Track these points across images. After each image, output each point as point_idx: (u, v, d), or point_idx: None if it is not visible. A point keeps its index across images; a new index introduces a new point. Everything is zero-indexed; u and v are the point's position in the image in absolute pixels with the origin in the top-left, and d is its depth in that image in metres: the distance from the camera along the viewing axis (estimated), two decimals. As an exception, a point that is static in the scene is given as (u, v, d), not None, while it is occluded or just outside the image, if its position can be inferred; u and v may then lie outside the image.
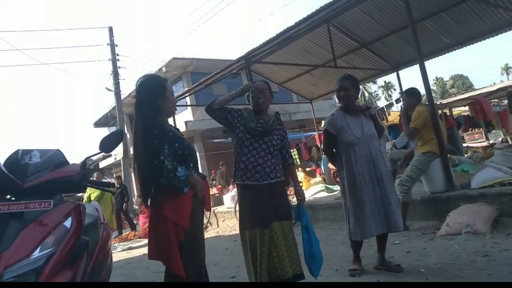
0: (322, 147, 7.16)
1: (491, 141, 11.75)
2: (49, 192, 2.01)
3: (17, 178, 1.93)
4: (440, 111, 12.38)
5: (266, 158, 2.71)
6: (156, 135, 2.14)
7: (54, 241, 1.80)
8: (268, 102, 2.89)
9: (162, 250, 2.11)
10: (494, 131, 12.92)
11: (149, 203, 2.24)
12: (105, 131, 25.43)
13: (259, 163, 2.68)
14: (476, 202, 3.99)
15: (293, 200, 3.50)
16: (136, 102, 2.26)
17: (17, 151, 2.10)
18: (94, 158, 2.60)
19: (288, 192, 3.22)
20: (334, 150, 3.28)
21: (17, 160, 2.03)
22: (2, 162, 2.08)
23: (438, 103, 13.53)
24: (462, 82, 52.93)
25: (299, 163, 11.73)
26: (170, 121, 2.70)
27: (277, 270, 2.54)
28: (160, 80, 2.38)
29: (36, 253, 1.73)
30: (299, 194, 2.86)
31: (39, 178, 1.97)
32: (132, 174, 20.24)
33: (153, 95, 2.25)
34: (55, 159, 2.13)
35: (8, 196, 2.06)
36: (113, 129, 21.20)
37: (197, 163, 2.39)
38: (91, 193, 7.66)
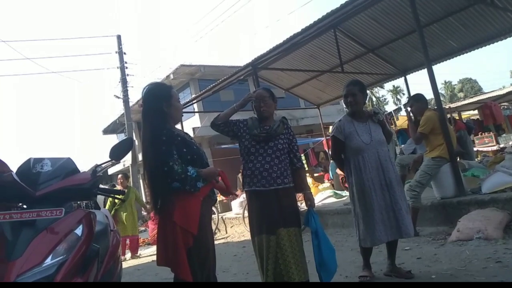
0: (330, 152, 7.14)
1: (501, 145, 11.62)
2: (60, 199, 2.04)
3: (29, 186, 1.96)
4: (449, 115, 12.29)
5: (273, 163, 2.71)
6: (164, 142, 2.17)
7: (66, 248, 1.82)
8: (271, 109, 2.90)
9: (170, 256, 2.13)
10: (504, 135, 12.79)
11: (158, 210, 2.25)
12: (113, 138, 25.65)
13: (265, 169, 2.69)
14: (487, 207, 3.95)
15: (303, 205, 3.48)
16: (143, 110, 2.30)
17: (29, 160, 2.14)
18: (103, 165, 2.63)
19: (297, 198, 3.19)
20: (342, 156, 3.27)
21: (29, 168, 2.07)
22: (14, 171, 2.12)
23: (447, 107, 13.43)
24: (471, 86, 52.43)
25: (307, 168, 11.69)
26: (178, 127, 2.72)
27: (283, 277, 2.53)
28: (165, 87, 2.43)
29: (48, 261, 1.75)
30: (309, 198, 2.84)
31: (50, 187, 2.00)
32: (141, 181, 20.37)
33: (159, 102, 2.28)
34: (66, 167, 2.17)
35: (20, 204, 2.10)
36: (122, 136, 21.43)
37: (207, 165, 2.39)
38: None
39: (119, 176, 7.58)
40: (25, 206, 2.03)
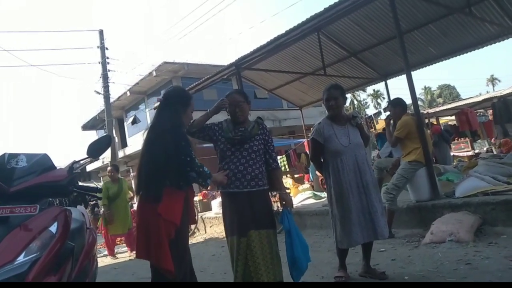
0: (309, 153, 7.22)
1: (476, 151, 11.94)
2: (35, 196, 2.01)
3: (3, 182, 1.93)
4: (427, 120, 12.58)
5: (247, 165, 2.70)
6: (185, 136, 2.44)
7: (39, 246, 1.79)
8: (245, 113, 2.89)
9: (152, 248, 2.19)
10: (479, 140, 13.15)
11: (143, 200, 2.34)
12: (93, 134, 25.17)
13: (239, 170, 2.69)
14: (460, 211, 4.07)
15: (280, 206, 3.50)
16: (165, 103, 2.54)
17: (4, 155, 2.09)
18: (81, 162, 2.60)
19: (273, 199, 3.20)
20: (321, 158, 3.32)
21: (3, 164, 2.03)
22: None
23: (425, 112, 13.74)
24: (449, 92, 53.82)
25: (287, 170, 11.76)
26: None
27: (252, 278, 2.54)
28: (188, 94, 2.70)
29: (21, 258, 1.72)
30: (284, 198, 2.82)
31: (25, 183, 1.97)
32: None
33: (178, 102, 2.53)
34: (42, 163, 2.13)
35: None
36: (102, 132, 21.07)
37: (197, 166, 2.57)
38: (109, 187, 6.82)
39: (109, 168, 7.20)
40: (-3, 202, 1.98)
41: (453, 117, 13.72)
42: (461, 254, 3.33)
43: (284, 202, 2.81)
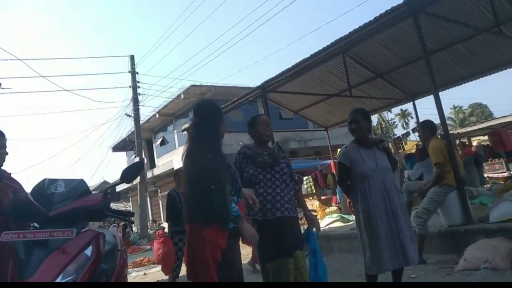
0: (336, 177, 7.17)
1: (512, 172, 11.48)
2: (72, 220, 2.10)
3: (43, 206, 2.03)
4: (457, 141, 12.25)
5: (282, 188, 2.75)
6: (221, 159, 2.23)
7: (76, 269, 1.87)
8: (272, 135, 3.02)
9: (199, 271, 2.13)
10: (515, 161, 12.65)
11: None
12: (122, 155, 25.91)
13: (276, 194, 2.71)
14: (495, 237, 3.91)
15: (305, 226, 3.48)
16: (198, 125, 2.33)
17: (44, 180, 2.21)
18: (113, 184, 2.71)
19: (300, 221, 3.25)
20: (348, 182, 3.30)
21: (43, 189, 2.14)
22: (29, 191, 2.20)
23: (455, 132, 13.40)
24: (481, 110, 52.16)
25: (314, 191, 11.65)
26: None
27: None
28: (219, 106, 2.53)
29: (58, 280, 1.80)
30: (310, 218, 2.89)
31: (63, 207, 2.07)
32: (148, 199, 20.44)
33: (216, 120, 2.36)
34: (79, 188, 2.24)
35: (33, 224, 2.17)
36: (131, 153, 21.66)
37: (240, 189, 2.37)
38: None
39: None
40: (37, 226, 2.10)
41: (486, 138, 13.29)
42: (498, 283, 3.19)
43: (310, 222, 2.87)
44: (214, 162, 2.16)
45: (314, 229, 2.86)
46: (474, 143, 13.42)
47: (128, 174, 2.38)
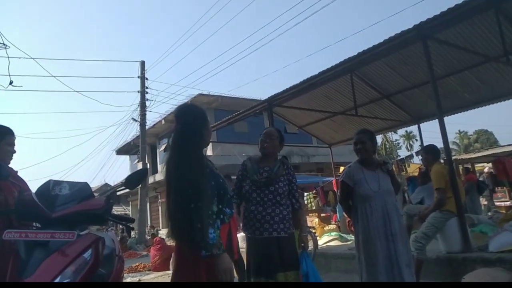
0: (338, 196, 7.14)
1: (515, 201, 11.41)
2: (73, 222, 2.13)
3: (46, 207, 2.07)
4: (461, 166, 12.21)
5: (274, 208, 2.72)
6: (204, 174, 1.99)
7: (74, 271, 1.89)
8: (275, 148, 2.96)
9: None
10: (518, 190, 12.56)
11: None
12: (126, 159, 25.99)
13: (265, 214, 2.70)
14: (493, 266, 3.87)
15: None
16: (180, 131, 2.12)
17: (49, 181, 2.25)
18: (114, 188, 2.74)
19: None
20: (350, 202, 3.31)
21: (48, 190, 2.18)
22: (34, 191, 2.23)
23: (459, 158, 13.36)
24: (486, 137, 51.94)
25: (314, 208, 11.62)
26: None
27: None
28: (203, 110, 2.28)
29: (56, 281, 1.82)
30: (303, 241, 2.82)
31: (66, 209, 2.10)
32: (148, 204, 20.42)
33: (199, 125, 2.14)
34: (83, 191, 2.27)
35: (35, 224, 2.20)
36: (134, 157, 21.72)
37: (231, 200, 2.23)
38: None
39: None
40: (39, 226, 2.12)
41: (490, 165, 13.23)
42: (494, 314, 3.16)
43: (302, 245, 2.80)
44: (198, 176, 1.95)
45: (307, 252, 2.80)
46: (485, 169, 13.30)
47: (131, 181, 2.41)
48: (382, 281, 2.94)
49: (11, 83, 7.40)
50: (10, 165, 2.61)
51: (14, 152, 2.65)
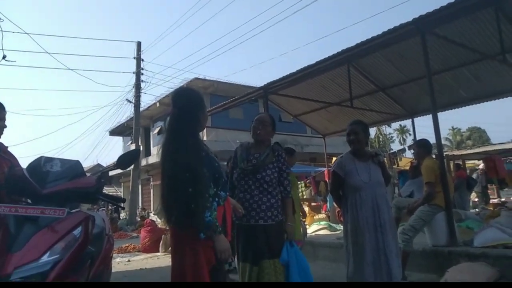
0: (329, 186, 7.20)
1: (503, 199, 11.61)
2: (64, 199, 2.13)
3: (37, 183, 2.06)
4: (452, 162, 12.34)
5: (261, 196, 2.71)
6: (201, 158, 2.02)
7: (63, 248, 1.89)
8: (267, 135, 2.93)
9: (189, 276, 1.98)
10: (506, 189, 12.77)
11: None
12: (119, 140, 25.87)
13: (255, 201, 2.70)
14: (477, 261, 3.96)
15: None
16: (177, 115, 2.12)
17: (40, 158, 2.24)
18: (106, 168, 2.74)
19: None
20: (340, 192, 3.34)
21: (39, 166, 2.17)
22: (25, 167, 2.22)
23: (451, 154, 13.49)
24: (479, 135, 52.45)
25: (305, 197, 11.71)
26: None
27: None
28: (200, 94, 2.29)
29: (45, 258, 1.82)
30: (287, 231, 2.77)
31: (57, 186, 2.09)
32: (140, 186, 20.42)
33: (196, 109, 2.16)
34: (74, 169, 2.26)
35: (25, 199, 2.19)
36: (128, 139, 21.62)
37: (226, 184, 2.27)
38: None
39: None
40: (30, 202, 2.12)
41: (481, 162, 13.39)
42: (475, 306, 3.23)
43: (286, 235, 2.76)
44: (195, 160, 1.99)
45: (291, 242, 2.74)
46: (480, 166, 13.44)
47: (123, 161, 2.41)
48: (368, 272, 2.98)
49: (4, 57, 7.28)
50: (0, 140, 2.59)
51: (5, 126, 2.62)
